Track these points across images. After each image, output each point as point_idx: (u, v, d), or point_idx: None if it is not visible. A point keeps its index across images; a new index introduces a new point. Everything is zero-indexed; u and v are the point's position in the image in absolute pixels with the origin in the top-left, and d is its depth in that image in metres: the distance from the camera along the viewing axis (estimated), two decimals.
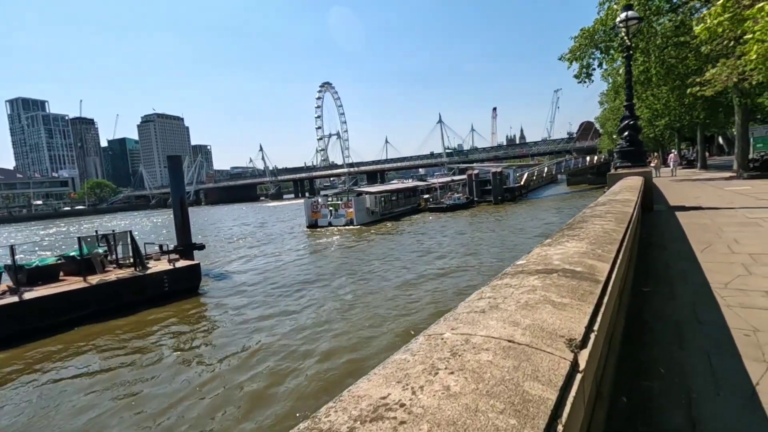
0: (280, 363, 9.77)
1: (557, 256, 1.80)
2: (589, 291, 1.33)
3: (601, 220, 2.74)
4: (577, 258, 1.76)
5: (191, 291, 17.92)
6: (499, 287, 1.38)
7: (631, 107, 9.89)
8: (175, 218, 22.85)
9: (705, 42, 13.91)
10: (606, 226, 2.51)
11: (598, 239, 2.15)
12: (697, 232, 6.38)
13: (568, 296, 1.26)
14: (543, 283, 1.38)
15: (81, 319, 13.97)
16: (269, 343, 11.09)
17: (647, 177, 9.18)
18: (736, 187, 13.88)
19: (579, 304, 1.22)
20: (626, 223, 2.72)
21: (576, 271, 1.56)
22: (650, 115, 31.31)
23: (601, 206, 3.61)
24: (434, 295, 14.00)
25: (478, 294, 1.35)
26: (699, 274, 4.16)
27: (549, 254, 1.85)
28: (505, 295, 1.28)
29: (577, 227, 2.53)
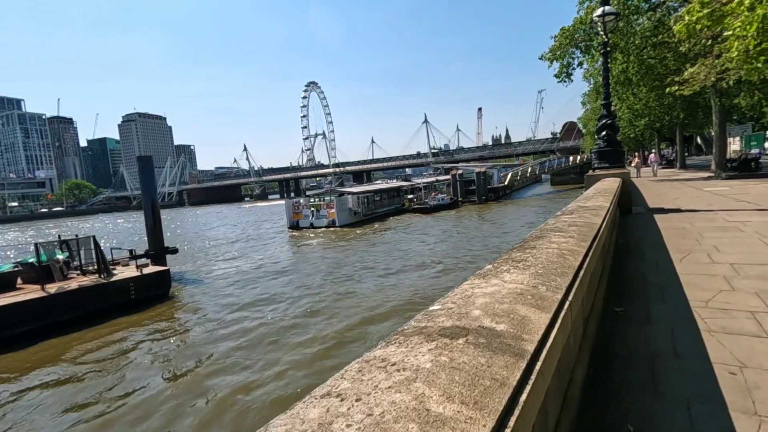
0: (236, 378, 9.16)
1: (483, 299, 1.30)
2: (500, 381, 0.82)
3: (560, 236, 2.27)
4: (508, 303, 1.27)
5: (160, 298, 17.12)
6: (366, 370, 0.87)
7: (609, 106, 9.56)
8: (147, 221, 21.93)
9: (683, 40, 13.76)
10: (564, 246, 2.04)
11: (549, 267, 1.67)
12: (676, 238, 6.02)
13: (461, 394, 0.76)
14: (435, 362, 0.88)
15: (35, 332, 13.05)
16: (228, 355, 10.47)
17: (625, 178, 8.85)
18: (715, 187, 13.75)
19: (472, 415, 0.71)
20: (590, 240, 2.26)
21: (497, 330, 1.07)
22: (630, 116, 31.43)
23: (567, 215, 3.16)
24: (401, 315, 13.40)
25: (322, 389, 0.84)
26: (678, 289, 3.75)
27: (474, 295, 1.36)
28: (360, 394, 0.77)
29: (528, 247, 2.05)
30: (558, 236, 2.27)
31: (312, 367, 9.43)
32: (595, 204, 3.86)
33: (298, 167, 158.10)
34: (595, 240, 2.38)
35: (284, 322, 12.76)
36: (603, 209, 3.52)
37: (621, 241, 6.20)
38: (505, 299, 1.30)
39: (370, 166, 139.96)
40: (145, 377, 9.79)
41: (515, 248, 2.10)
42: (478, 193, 49.47)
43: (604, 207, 3.67)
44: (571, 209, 3.59)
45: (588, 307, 2.40)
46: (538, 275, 1.55)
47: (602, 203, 3.97)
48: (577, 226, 2.58)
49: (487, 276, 1.58)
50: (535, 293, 1.35)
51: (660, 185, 17.46)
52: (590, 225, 2.67)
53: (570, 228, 2.53)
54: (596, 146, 9.70)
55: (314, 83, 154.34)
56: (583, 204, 3.92)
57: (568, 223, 2.72)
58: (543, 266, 1.68)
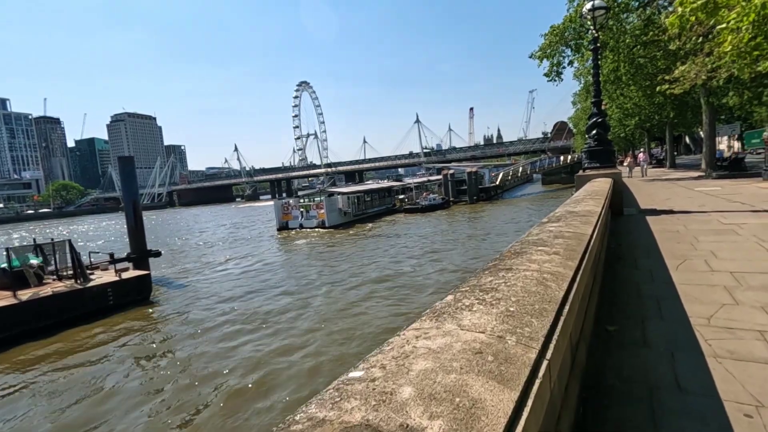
0: (209, 392, 8.70)
1: (423, 363, 0.92)
2: None
3: (543, 253, 1.89)
4: (457, 371, 0.89)
5: (140, 303, 16.54)
6: None
7: (599, 104, 9.25)
8: (128, 223, 21.29)
9: (674, 38, 13.55)
10: (547, 267, 1.65)
11: (524, 301, 1.28)
12: (670, 242, 5.70)
13: None
14: None
15: (5, 341, 12.43)
16: (206, 369, 9.98)
17: (616, 178, 8.55)
18: (706, 187, 13.55)
19: None
20: (579, 256, 1.89)
21: None
22: (621, 115, 31.38)
23: (553, 224, 2.79)
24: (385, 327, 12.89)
25: None
26: (676, 303, 3.40)
27: (414, 353, 0.97)
28: None
29: (503, 268, 1.66)
30: (540, 252, 1.89)
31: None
32: (585, 209, 3.49)
33: (290, 167, 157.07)
34: (586, 255, 2.01)
35: (273, 334, 12.30)
36: (594, 215, 3.16)
37: (613, 245, 5.87)
38: (455, 363, 0.90)
39: (363, 167, 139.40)
40: (112, 388, 9.28)
41: (487, 269, 1.71)
42: (469, 193, 49.26)
43: (595, 212, 3.31)
44: (558, 215, 3.22)
45: (576, 335, 2.03)
46: (509, 316, 1.16)
47: (593, 207, 3.61)
48: (564, 238, 2.21)
49: (441, 316, 1.19)
50: (500, 351, 0.96)
51: (651, 185, 17.28)
52: (579, 236, 2.30)
53: (556, 241, 2.15)
54: (586, 145, 9.39)
55: (306, 83, 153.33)
56: (572, 209, 3.55)
57: (553, 234, 2.35)
58: (517, 300, 1.29)
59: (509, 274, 1.55)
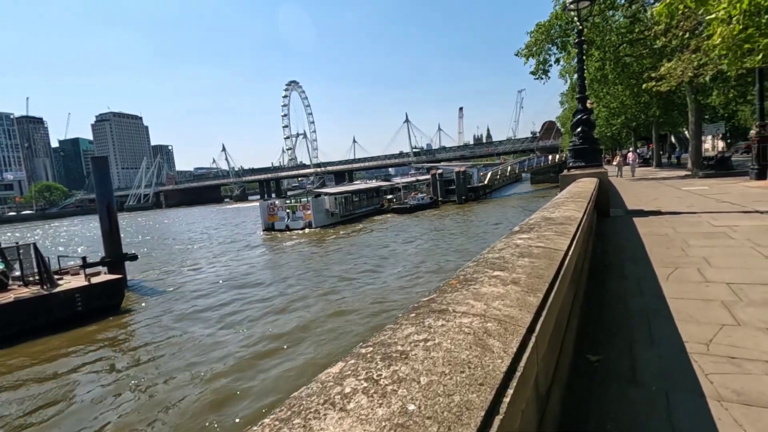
0: (178, 411, 8.10)
1: None
2: None
3: (498, 281, 1.40)
4: None
5: (112, 310, 15.79)
6: None
7: (584, 100, 8.84)
8: (102, 226, 20.46)
9: (660, 34, 13.27)
10: (495, 309, 1.16)
11: (440, 387, 0.78)
12: (659, 246, 5.28)
13: None
14: None
15: None
16: (172, 381, 9.38)
17: (603, 178, 8.15)
18: (693, 186, 13.28)
19: None
20: (546, 286, 1.40)
21: None
22: (607, 114, 31.27)
23: (523, 234, 2.30)
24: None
25: None
26: (668, 322, 2.94)
27: None
28: None
29: (434, 312, 1.16)
30: (494, 281, 1.40)
31: None
32: (565, 214, 3.02)
33: (279, 167, 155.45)
34: (556, 281, 1.52)
35: (251, 346, 11.70)
36: (573, 222, 2.69)
37: (599, 250, 5.43)
38: None
39: (352, 166, 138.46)
40: (69, 405, 8.63)
41: (413, 311, 1.21)
42: (457, 192, 48.96)
43: (575, 219, 2.84)
44: (531, 223, 2.74)
45: (547, 380, 1.54)
46: (428, 398, 0.66)
47: (573, 212, 3.15)
48: (531, 258, 1.72)
49: (308, 413, 0.68)
50: None
51: (638, 184, 17.03)
52: (551, 254, 1.81)
53: (519, 261, 1.66)
54: (571, 144, 8.98)
55: (295, 82, 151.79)
56: (550, 214, 3.08)
57: (519, 251, 1.86)
58: (428, 383, 0.78)
59: (438, 323, 1.05)
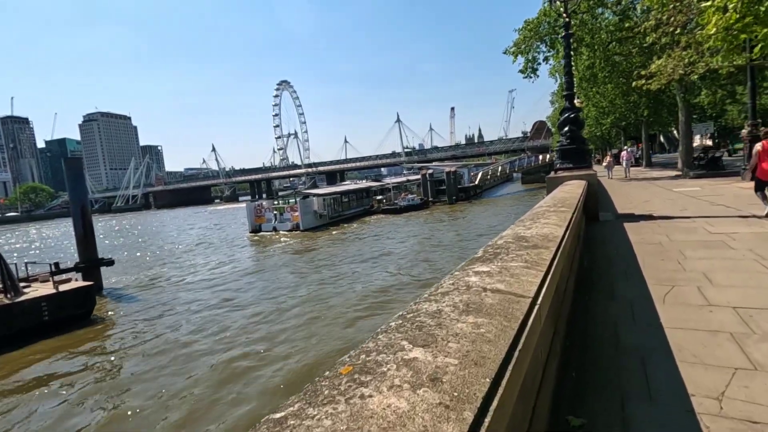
0: None
1: None
2: None
3: (410, 375, 0.82)
4: None
5: (82, 319, 14.99)
6: None
7: (572, 98, 8.34)
8: (76, 230, 19.61)
9: (650, 30, 12.85)
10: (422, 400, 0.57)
11: None
12: (653, 258, 4.75)
13: None
14: None
15: None
16: (139, 401, 8.69)
17: (591, 180, 7.65)
18: (685, 187, 12.88)
19: None
20: (491, 378, 0.83)
21: None
22: (597, 113, 30.99)
23: (483, 266, 1.69)
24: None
25: None
26: (668, 364, 2.39)
27: None
28: None
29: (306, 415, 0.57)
30: (400, 378, 0.82)
31: None
32: (543, 231, 2.45)
33: (270, 168, 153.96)
34: (512, 357, 0.95)
35: (216, 359, 11.03)
36: (552, 244, 2.12)
37: (586, 262, 4.89)
38: None
39: (344, 166, 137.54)
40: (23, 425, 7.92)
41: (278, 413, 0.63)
42: (448, 193, 48.49)
43: (555, 238, 2.28)
44: (500, 245, 2.14)
45: None
46: None
47: (554, 228, 2.58)
48: (480, 315, 1.12)
49: None
50: None
51: (627, 185, 16.63)
52: (510, 307, 1.20)
53: (461, 323, 1.06)
54: (558, 144, 8.47)
55: (286, 82, 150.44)
56: (524, 231, 2.50)
57: (466, 298, 1.26)
58: None
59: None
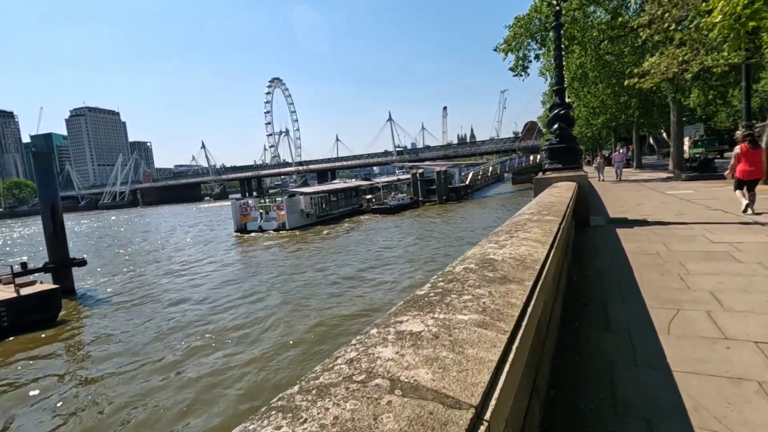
0: None
1: None
2: None
3: None
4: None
5: (46, 324, 14.13)
6: None
7: (562, 93, 7.76)
8: (45, 228, 18.68)
9: (644, 26, 12.36)
10: None
11: None
12: (651, 272, 4.17)
13: None
14: None
15: None
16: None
17: (582, 182, 7.09)
18: (678, 190, 12.41)
19: None
20: None
21: None
22: (588, 114, 30.63)
23: (414, 317, 1.10)
24: None
25: None
26: (683, 428, 1.77)
27: None
28: None
29: None
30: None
31: None
32: (519, 251, 1.81)
33: (261, 166, 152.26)
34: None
35: (192, 370, 10.30)
36: (529, 271, 1.50)
37: (575, 276, 4.29)
38: None
39: (335, 165, 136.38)
40: None
41: None
42: (438, 192, 47.98)
43: (535, 261, 1.65)
44: (451, 281, 1.46)
45: None
46: None
47: (534, 247, 1.95)
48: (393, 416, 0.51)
49: None
50: None
51: (619, 187, 16.17)
52: (438, 414, 0.59)
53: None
54: (547, 143, 7.87)
55: (278, 79, 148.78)
56: (495, 250, 1.84)
57: (352, 410, 0.65)
58: None
59: None
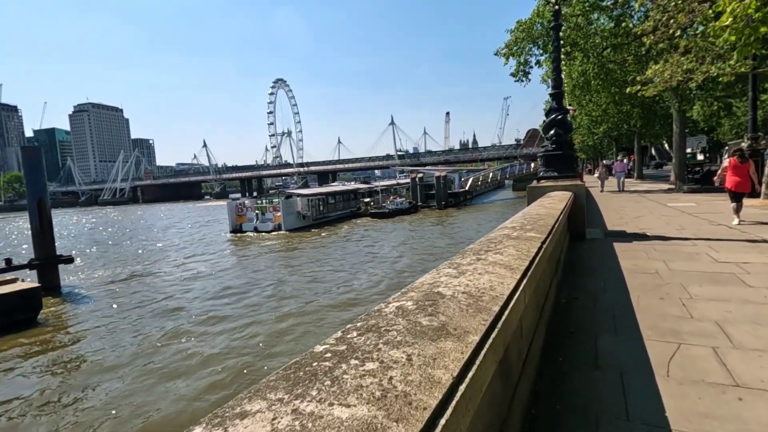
0: None
1: None
2: None
3: None
4: None
5: (25, 324, 13.66)
6: None
7: (559, 97, 7.33)
8: (32, 224, 18.25)
9: (648, 32, 11.97)
10: None
11: None
12: (648, 296, 3.72)
13: None
14: None
15: None
16: None
17: (578, 192, 6.66)
18: (680, 203, 11.98)
19: None
20: None
21: None
22: (589, 122, 30.23)
23: (263, 413, 0.69)
24: None
25: None
26: None
27: None
28: None
29: None
30: None
31: None
32: (479, 284, 1.35)
33: (262, 166, 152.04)
34: None
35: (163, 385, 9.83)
36: (483, 315, 1.05)
37: (564, 298, 3.85)
38: None
39: (336, 167, 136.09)
40: None
41: None
42: (437, 198, 47.53)
43: (496, 298, 1.18)
44: (369, 330, 1.05)
45: None
46: None
47: (500, 276, 1.50)
48: None
49: None
50: None
51: (618, 197, 15.73)
52: None
53: None
54: (542, 149, 7.44)
55: (282, 80, 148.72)
56: (449, 282, 1.41)
57: None
58: None
59: None
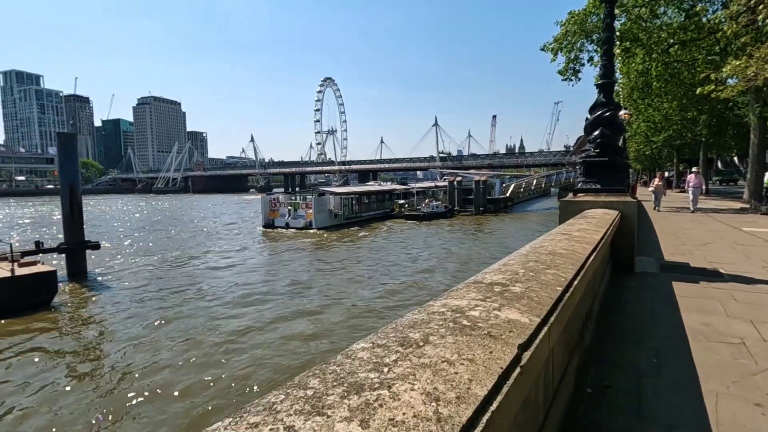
0: None
1: None
2: None
3: None
4: None
5: (39, 306, 13.70)
6: None
7: (609, 88, 5.75)
8: (63, 209, 18.58)
9: (731, 18, 9.93)
10: None
11: None
12: (735, 396, 2.28)
13: None
14: None
15: None
16: None
17: (627, 211, 5.12)
18: (759, 227, 9.84)
19: None
20: None
21: None
22: (647, 129, 27.27)
23: None
24: None
25: None
26: None
27: None
28: None
29: None
30: None
31: None
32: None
33: (306, 162, 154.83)
34: None
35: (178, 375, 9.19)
36: None
37: (590, 385, 2.47)
38: None
39: (377, 167, 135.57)
40: None
41: None
42: (475, 203, 45.48)
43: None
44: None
45: None
46: None
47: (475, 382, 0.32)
48: None
49: None
50: None
51: (679, 217, 13.53)
52: None
53: None
54: (583, 154, 5.84)
55: (330, 79, 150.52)
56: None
57: None
58: None
59: None
